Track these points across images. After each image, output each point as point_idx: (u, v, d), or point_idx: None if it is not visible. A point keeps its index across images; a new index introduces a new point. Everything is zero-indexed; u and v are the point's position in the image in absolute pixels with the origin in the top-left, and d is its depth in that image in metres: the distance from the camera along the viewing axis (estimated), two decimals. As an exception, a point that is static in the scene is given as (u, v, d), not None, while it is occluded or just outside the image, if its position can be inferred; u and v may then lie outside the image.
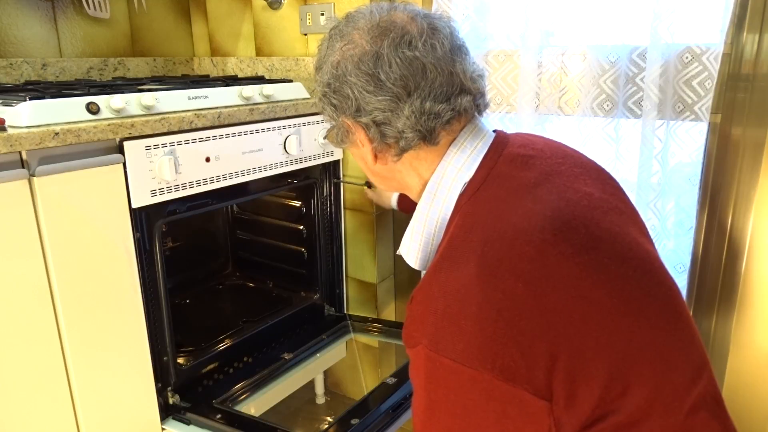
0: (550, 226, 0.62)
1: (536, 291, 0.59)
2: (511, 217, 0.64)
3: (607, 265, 0.62)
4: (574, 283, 0.60)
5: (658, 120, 1.16)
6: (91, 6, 1.58)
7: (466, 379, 0.58)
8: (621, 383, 0.59)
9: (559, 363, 0.58)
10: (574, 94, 1.27)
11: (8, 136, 0.87)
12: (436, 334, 0.60)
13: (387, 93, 0.70)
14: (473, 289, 0.59)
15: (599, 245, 0.63)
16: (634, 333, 0.61)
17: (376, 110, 0.71)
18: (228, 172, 1.20)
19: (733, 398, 1.23)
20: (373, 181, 0.85)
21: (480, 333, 0.58)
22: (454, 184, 0.72)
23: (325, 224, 1.54)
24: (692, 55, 1.12)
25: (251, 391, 1.30)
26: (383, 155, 0.76)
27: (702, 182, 1.19)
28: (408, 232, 0.78)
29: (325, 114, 0.79)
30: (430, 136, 0.72)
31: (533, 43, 1.26)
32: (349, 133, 0.76)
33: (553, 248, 0.61)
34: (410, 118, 0.70)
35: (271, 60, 1.69)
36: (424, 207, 0.74)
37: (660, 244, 1.23)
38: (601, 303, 0.60)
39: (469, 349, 0.58)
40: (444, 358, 0.59)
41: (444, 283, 0.62)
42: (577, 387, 0.58)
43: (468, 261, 0.61)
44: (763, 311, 1.17)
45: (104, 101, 1.04)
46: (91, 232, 0.99)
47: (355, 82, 0.70)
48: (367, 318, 1.56)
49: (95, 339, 1.03)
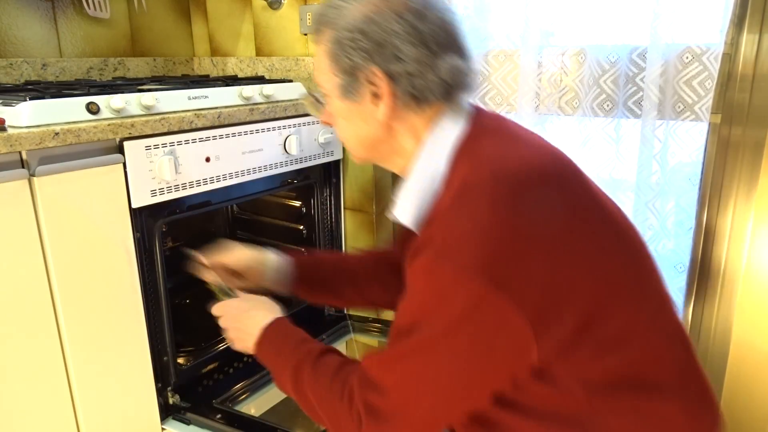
0: (552, 166, 0.72)
1: (539, 218, 0.66)
2: (514, 157, 0.72)
3: (593, 207, 0.72)
4: (570, 216, 0.69)
5: (658, 120, 1.16)
6: (91, 6, 1.58)
7: (461, 285, 0.63)
8: (605, 304, 0.67)
9: (550, 284, 0.64)
10: (574, 94, 1.27)
11: (8, 136, 0.87)
12: (444, 245, 0.65)
13: (425, 46, 0.73)
14: (486, 209, 0.66)
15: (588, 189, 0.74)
16: (619, 264, 0.70)
17: (413, 61, 0.73)
18: (228, 172, 1.20)
19: (733, 398, 1.23)
20: (360, 148, 0.83)
21: (487, 245, 0.64)
22: (447, 140, 0.77)
23: (325, 224, 1.54)
24: (692, 55, 1.12)
25: (251, 391, 1.30)
26: (398, 112, 0.77)
27: (702, 182, 1.19)
28: (402, 194, 0.80)
29: (337, 63, 0.76)
30: (454, 91, 0.77)
31: (533, 43, 1.26)
32: (361, 85, 0.75)
33: (555, 184, 0.70)
34: (444, 73, 0.74)
35: (271, 60, 1.69)
36: (421, 165, 0.78)
37: (660, 244, 1.23)
38: (592, 236, 0.70)
39: (472, 258, 0.63)
40: (447, 265, 0.64)
41: (458, 210, 0.68)
42: (563, 307, 0.65)
43: (481, 191, 0.67)
44: (763, 311, 1.17)
45: (104, 101, 1.04)
46: (91, 232, 0.99)
47: (398, 31, 0.72)
48: (367, 318, 1.56)
49: (95, 339, 1.03)
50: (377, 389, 0.70)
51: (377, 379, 0.71)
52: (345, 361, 0.78)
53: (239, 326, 0.91)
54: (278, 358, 0.84)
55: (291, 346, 0.83)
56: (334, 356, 0.80)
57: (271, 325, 0.87)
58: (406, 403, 0.69)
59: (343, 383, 0.74)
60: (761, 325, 1.18)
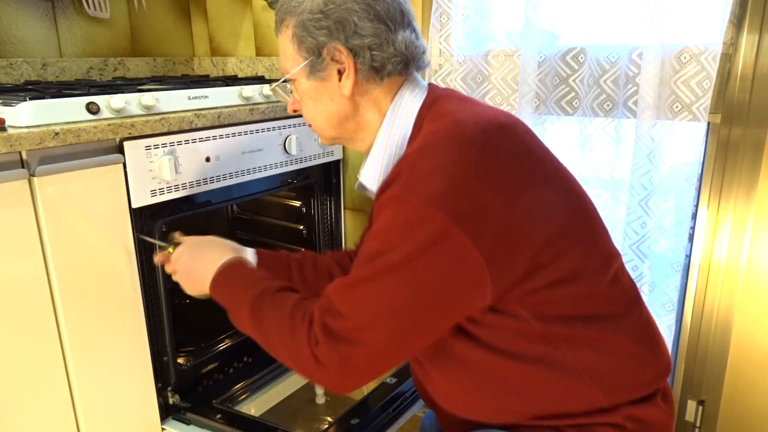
0: (505, 120, 0.78)
1: (499, 159, 0.72)
2: (474, 112, 0.78)
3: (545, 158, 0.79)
4: (526, 160, 0.75)
5: (656, 120, 1.16)
6: (91, 6, 1.58)
7: (425, 217, 0.67)
8: (557, 245, 0.73)
9: (505, 222, 0.69)
10: (574, 94, 1.27)
11: (8, 136, 0.87)
12: (411, 179, 0.70)
13: (381, 22, 0.80)
14: (451, 147, 0.72)
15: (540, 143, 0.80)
16: (570, 209, 0.77)
17: (372, 36, 0.79)
18: (228, 172, 1.20)
19: (733, 398, 1.23)
20: (328, 127, 0.87)
21: (449, 179, 0.69)
22: (411, 108, 0.83)
23: (325, 224, 1.54)
24: (690, 54, 1.12)
25: (251, 391, 1.30)
26: (361, 86, 0.83)
27: (701, 182, 1.19)
28: (368, 160, 0.86)
29: (302, 44, 0.81)
30: (412, 63, 0.83)
31: (533, 43, 1.26)
32: (326, 63, 0.81)
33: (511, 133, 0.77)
34: (401, 45, 0.81)
35: (271, 60, 1.69)
36: (385, 131, 0.84)
37: (655, 243, 1.23)
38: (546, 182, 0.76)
39: (435, 192, 0.68)
40: (412, 198, 0.68)
41: (425, 151, 0.73)
42: (516, 246, 0.70)
43: (446, 135, 0.74)
44: (764, 311, 1.17)
45: (104, 101, 1.04)
46: (91, 232, 0.99)
47: (355, 9, 0.78)
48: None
49: (95, 339, 1.03)
50: (336, 312, 0.72)
51: (337, 303, 0.73)
52: (305, 296, 0.81)
53: (193, 272, 0.92)
54: (235, 293, 0.85)
55: (249, 283, 0.85)
56: (294, 292, 0.82)
57: (227, 264, 0.88)
58: (363, 327, 0.71)
59: (303, 310, 0.76)
60: (761, 325, 1.18)
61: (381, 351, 0.72)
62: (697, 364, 1.27)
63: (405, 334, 0.72)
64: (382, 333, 0.71)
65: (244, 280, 0.86)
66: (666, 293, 1.24)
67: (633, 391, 0.78)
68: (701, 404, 1.28)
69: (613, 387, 0.77)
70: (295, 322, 0.75)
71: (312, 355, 0.72)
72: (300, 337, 0.74)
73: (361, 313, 0.71)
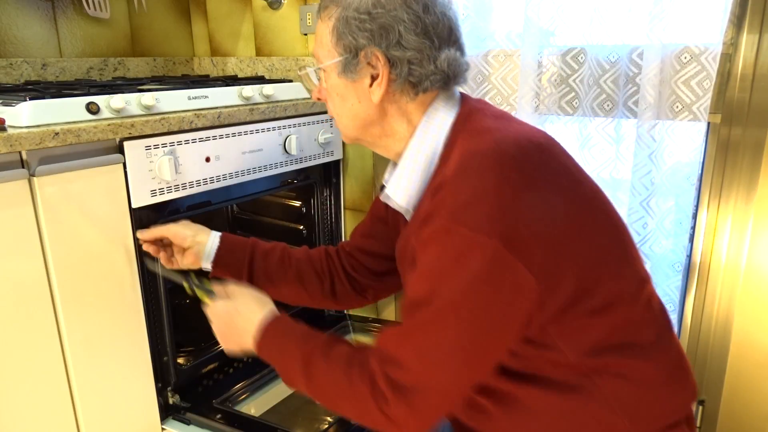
0: (544, 140, 0.76)
1: (542, 181, 0.70)
2: (511, 129, 0.76)
3: (584, 180, 0.76)
4: (567, 183, 0.73)
5: (656, 120, 1.16)
6: (91, 6, 1.58)
7: (477, 246, 0.65)
8: (598, 269, 0.71)
9: (553, 246, 0.67)
10: (574, 94, 1.27)
11: (8, 136, 0.87)
12: (457, 209, 0.68)
13: (427, 37, 0.76)
14: (494, 169, 0.69)
15: (576, 165, 0.78)
16: (608, 235, 0.75)
17: (414, 50, 0.76)
18: (228, 172, 1.20)
19: (733, 398, 1.23)
20: (351, 127, 0.85)
21: (497, 204, 0.66)
22: (444, 122, 0.80)
23: (325, 224, 1.54)
24: (691, 54, 1.12)
25: (251, 391, 1.30)
26: (393, 96, 0.80)
27: (701, 182, 1.19)
28: (397, 173, 0.83)
29: (340, 40, 0.78)
30: (452, 81, 0.80)
31: (533, 43, 1.26)
32: (361, 66, 0.78)
33: (550, 153, 0.75)
34: (443, 63, 0.77)
35: (271, 60, 1.69)
36: (416, 145, 0.81)
37: (656, 243, 1.23)
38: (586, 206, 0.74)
39: (484, 219, 0.66)
40: (461, 227, 0.66)
41: (466, 175, 0.70)
42: (563, 270, 0.68)
43: (486, 156, 0.70)
44: (763, 311, 1.17)
45: (104, 101, 1.04)
46: (91, 232, 0.99)
47: (403, 18, 0.75)
48: (367, 318, 1.56)
49: (95, 339, 1.03)
50: (399, 364, 0.70)
51: (397, 354, 0.70)
52: (358, 347, 0.78)
53: (232, 328, 0.89)
54: (284, 355, 0.82)
55: (296, 341, 0.82)
56: (343, 345, 0.79)
57: (269, 321, 0.86)
58: (427, 372, 0.69)
59: (361, 366, 0.73)
60: (761, 325, 1.18)
61: (449, 391, 0.70)
62: (698, 364, 1.27)
63: (470, 369, 0.70)
64: (447, 373, 0.69)
65: (290, 338, 0.83)
66: (667, 293, 1.24)
67: (660, 420, 0.77)
68: (701, 404, 1.28)
69: (641, 417, 0.75)
70: (354, 379, 0.73)
71: (381, 412, 0.70)
72: (364, 395, 0.71)
73: (424, 359, 0.69)
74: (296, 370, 0.80)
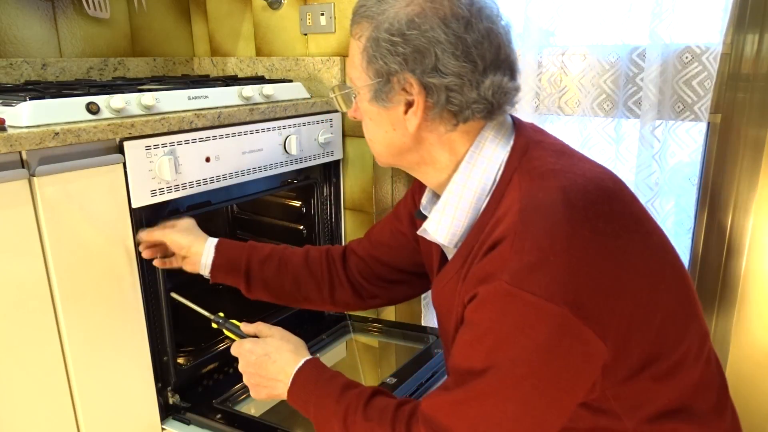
0: (612, 185, 0.69)
1: (612, 239, 0.63)
2: (577, 172, 0.68)
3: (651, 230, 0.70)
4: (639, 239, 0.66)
5: (658, 120, 1.16)
6: (91, 6, 1.58)
7: (543, 314, 0.59)
8: (667, 333, 0.66)
9: (623, 308, 0.62)
10: (574, 94, 1.27)
11: (8, 136, 0.87)
12: (520, 270, 0.60)
13: (469, 60, 0.67)
14: (563, 226, 0.62)
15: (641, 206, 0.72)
16: (677, 295, 0.69)
17: (453, 76, 0.67)
18: (228, 172, 1.20)
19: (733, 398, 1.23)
20: (383, 152, 0.78)
21: (567, 268, 0.60)
22: (495, 155, 0.72)
23: (325, 224, 1.54)
24: (692, 55, 1.12)
25: (251, 391, 1.29)
26: (432, 124, 0.71)
27: (702, 182, 1.19)
28: (439, 207, 0.75)
29: (371, 64, 0.71)
30: (498, 110, 0.71)
31: (533, 43, 1.26)
32: (394, 92, 0.70)
33: (620, 202, 0.68)
34: (486, 91, 0.68)
35: (271, 60, 1.69)
36: (461, 179, 0.73)
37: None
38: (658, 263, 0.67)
39: (553, 284, 0.59)
40: (526, 293, 0.59)
41: (532, 230, 0.63)
42: (633, 333, 0.62)
43: (554, 210, 0.63)
44: (763, 311, 1.17)
45: (104, 101, 1.04)
46: (91, 232, 0.99)
47: (440, 39, 0.66)
48: (366, 318, 1.56)
49: (95, 339, 1.03)
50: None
51: (450, 425, 0.65)
52: (398, 403, 0.73)
53: (263, 373, 0.84)
54: (321, 409, 0.78)
55: (333, 394, 0.77)
56: (383, 398, 0.74)
57: (302, 370, 0.81)
58: None
59: (407, 428, 0.69)
60: (761, 325, 1.18)
61: None
62: (698, 364, 1.27)
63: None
64: None
65: (327, 392, 0.78)
66: (666, 293, 1.24)
67: None
68: (701, 404, 1.27)
69: None
70: None
71: None
72: None
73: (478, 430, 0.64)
74: (335, 426, 0.76)
